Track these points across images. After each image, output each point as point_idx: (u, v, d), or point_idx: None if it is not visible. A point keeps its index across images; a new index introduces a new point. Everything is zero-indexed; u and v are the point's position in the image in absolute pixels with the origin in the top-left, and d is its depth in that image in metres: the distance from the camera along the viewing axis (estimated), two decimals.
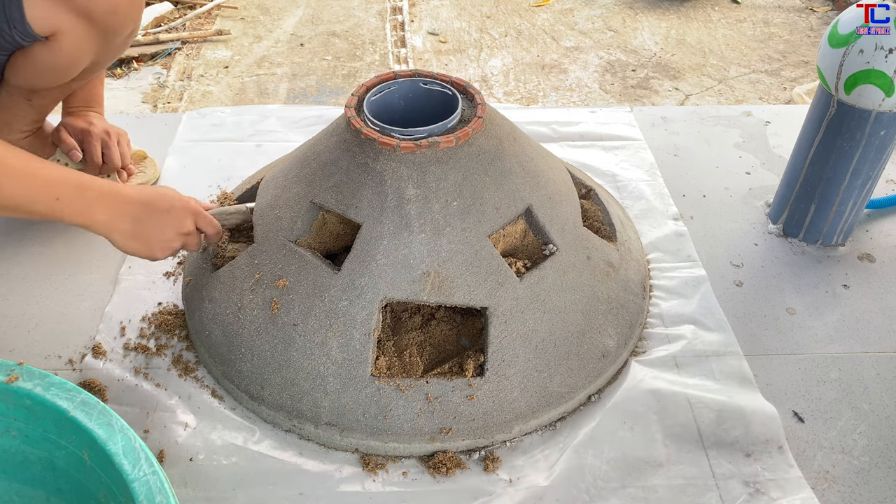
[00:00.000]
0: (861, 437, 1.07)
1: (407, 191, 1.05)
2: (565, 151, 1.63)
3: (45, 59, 1.10)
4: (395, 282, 1.04)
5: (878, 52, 1.15)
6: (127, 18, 1.13)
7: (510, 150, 1.14)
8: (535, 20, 3.07)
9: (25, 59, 1.11)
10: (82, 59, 1.14)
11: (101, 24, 1.09)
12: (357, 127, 1.08)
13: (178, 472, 0.99)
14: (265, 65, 2.66)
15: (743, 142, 1.70)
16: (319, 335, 1.05)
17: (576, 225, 1.19)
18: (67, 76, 1.17)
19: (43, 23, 1.03)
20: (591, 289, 1.15)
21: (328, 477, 1.00)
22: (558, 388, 1.07)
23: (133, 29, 1.18)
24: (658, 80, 2.65)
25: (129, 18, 1.13)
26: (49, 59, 1.10)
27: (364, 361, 1.04)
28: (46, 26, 1.04)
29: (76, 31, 1.07)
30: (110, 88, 2.42)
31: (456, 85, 1.16)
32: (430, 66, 2.69)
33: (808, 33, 3.01)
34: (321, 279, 1.07)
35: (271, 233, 1.14)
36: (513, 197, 1.11)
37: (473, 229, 1.07)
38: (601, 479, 1.00)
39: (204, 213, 1.08)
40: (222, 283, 1.15)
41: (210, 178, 1.53)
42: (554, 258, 1.13)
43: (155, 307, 1.23)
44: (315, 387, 1.04)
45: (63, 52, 1.10)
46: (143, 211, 0.98)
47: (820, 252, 1.39)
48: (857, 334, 1.23)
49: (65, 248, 1.34)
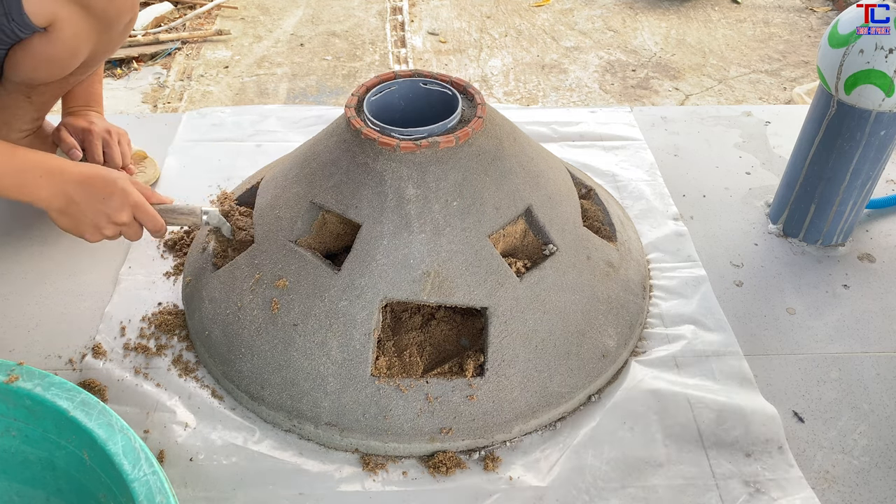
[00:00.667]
0: (861, 437, 1.07)
1: (407, 191, 1.05)
2: (565, 151, 1.63)
3: (44, 51, 1.10)
4: (395, 282, 1.04)
5: (878, 52, 1.15)
6: (124, 6, 1.13)
7: (510, 150, 1.14)
8: (535, 20, 3.07)
9: (24, 52, 1.11)
10: (81, 50, 1.14)
11: (99, 12, 1.09)
12: (357, 127, 1.08)
13: (178, 472, 0.99)
14: (265, 65, 2.66)
15: (743, 142, 1.70)
16: (319, 335, 1.05)
17: (576, 225, 1.19)
18: (67, 68, 1.17)
19: (41, 13, 1.04)
20: (591, 289, 1.15)
21: (328, 477, 1.00)
22: (558, 388, 1.07)
23: (131, 18, 1.18)
24: (658, 80, 2.65)
25: (127, 6, 1.14)
26: (48, 51, 1.10)
27: (364, 361, 1.04)
28: (44, 17, 1.04)
29: (74, 20, 1.07)
30: (110, 88, 2.42)
31: (456, 85, 1.16)
32: (430, 66, 2.69)
33: (808, 33, 3.01)
34: (321, 279, 1.07)
35: (271, 233, 1.14)
36: (513, 197, 1.11)
37: (473, 229, 1.07)
38: (601, 479, 1.00)
39: (146, 207, 1.06)
40: (222, 283, 1.15)
41: (210, 178, 1.53)
42: (554, 258, 1.13)
43: (155, 307, 1.23)
44: (315, 387, 1.04)
45: (61, 43, 1.10)
46: (80, 191, 1.01)
47: (820, 252, 1.39)
48: (858, 334, 1.23)
49: (65, 247, 1.34)
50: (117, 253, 1.33)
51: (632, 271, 1.25)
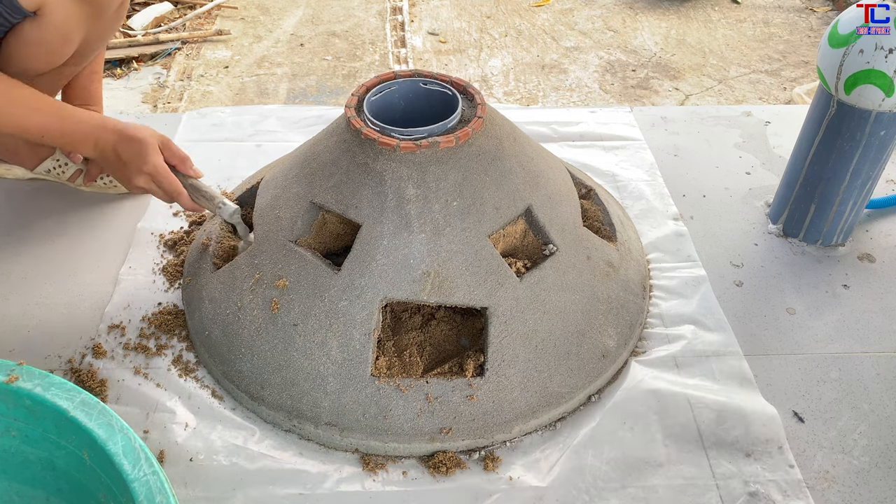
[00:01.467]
0: (861, 438, 1.07)
1: (407, 191, 1.05)
2: (565, 151, 1.63)
3: (35, 36, 1.10)
4: (395, 282, 1.04)
5: (878, 52, 1.15)
6: None
7: (510, 150, 1.14)
8: (535, 20, 3.07)
9: (16, 39, 1.11)
10: (72, 35, 1.14)
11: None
12: (357, 127, 1.08)
13: (178, 472, 0.99)
14: (265, 65, 2.66)
15: (743, 142, 1.70)
16: (319, 335, 1.05)
17: (576, 225, 1.19)
18: (60, 55, 1.17)
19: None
20: (591, 289, 1.15)
21: (328, 477, 1.00)
22: (558, 388, 1.07)
23: (122, 2, 1.19)
24: (658, 80, 2.65)
25: None
26: (39, 35, 1.11)
27: (364, 361, 1.04)
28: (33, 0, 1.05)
29: (63, 3, 1.08)
30: (110, 88, 2.42)
31: (456, 85, 1.16)
32: (430, 66, 2.69)
33: (808, 33, 3.01)
34: (321, 279, 1.07)
35: (271, 233, 1.14)
36: (513, 197, 1.11)
37: (473, 229, 1.07)
38: (601, 479, 1.00)
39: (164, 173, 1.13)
40: (222, 283, 1.15)
41: (210, 178, 1.53)
42: (554, 258, 1.13)
43: (155, 307, 1.23)
44: (315, 387, 1.04)
45: (52, 27, 1.10)
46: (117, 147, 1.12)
47: (820, 252, 1.39)
48: (858, 334, 1.23)
49: (65, 248, 1.34)
50: (117, 253, 1.33)
51: (632, 271, 1.25)
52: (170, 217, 1.41)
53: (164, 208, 1.42)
